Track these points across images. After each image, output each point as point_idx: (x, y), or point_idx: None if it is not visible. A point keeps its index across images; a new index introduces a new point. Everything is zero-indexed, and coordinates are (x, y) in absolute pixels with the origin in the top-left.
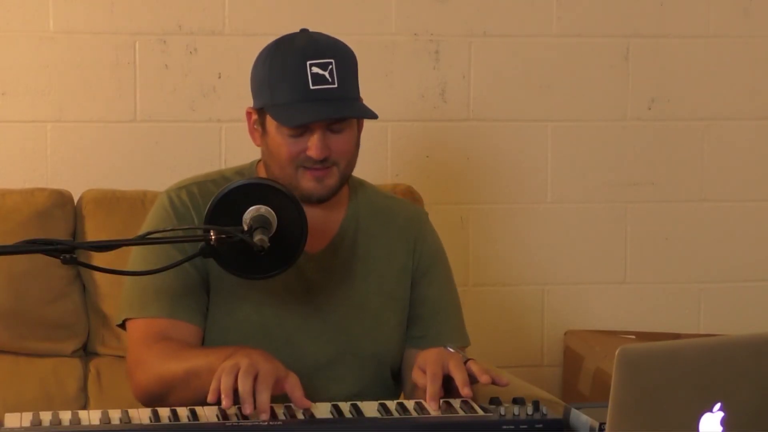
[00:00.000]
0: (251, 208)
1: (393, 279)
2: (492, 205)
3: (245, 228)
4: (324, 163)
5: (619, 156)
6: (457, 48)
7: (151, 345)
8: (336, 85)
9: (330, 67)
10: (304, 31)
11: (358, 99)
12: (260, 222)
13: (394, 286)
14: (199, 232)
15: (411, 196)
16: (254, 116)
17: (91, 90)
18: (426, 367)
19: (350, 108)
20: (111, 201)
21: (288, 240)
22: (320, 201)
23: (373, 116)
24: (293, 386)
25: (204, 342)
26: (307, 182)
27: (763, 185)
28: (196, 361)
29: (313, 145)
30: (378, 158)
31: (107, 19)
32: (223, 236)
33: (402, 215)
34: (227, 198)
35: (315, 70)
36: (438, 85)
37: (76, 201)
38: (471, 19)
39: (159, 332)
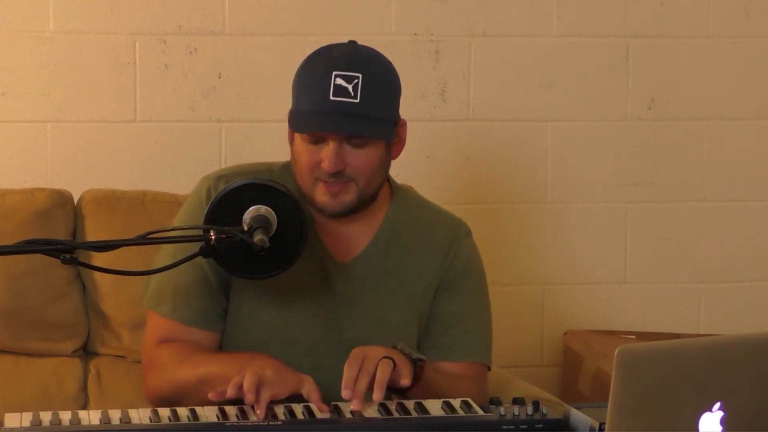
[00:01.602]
0: (251, 208)
1: (421, 295)
2: (492, 205)
3: (245, 228)
4: (339, 177)
5: (619, 156)
6: (457, 48)
7: (163, 346)
8: (357, 101)
9: (356, 81)
10: (351, 42)
11: (383, 120)
12: (260, 222)
13: (421, 302)
14: (200, 232)
15: None
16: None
17: (91, 90)
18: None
19: (362, 126)
20: (111, 201)
21: (288, 240)
22: (334, 216)
23: (379, 136)
24: (310, 391)
25: (225, 341)
26: (321, 195)
27: (763, 185)
28: (209, 368)
29: (326, 156)
30: None
31: (107, 19)
32: (223, 236)
33: (440, 230)
34: (227, 198)
35: (339, 81)
36: (438, 85)
37: (76, 201)
38: (471, 19)
39: (172, 334)
